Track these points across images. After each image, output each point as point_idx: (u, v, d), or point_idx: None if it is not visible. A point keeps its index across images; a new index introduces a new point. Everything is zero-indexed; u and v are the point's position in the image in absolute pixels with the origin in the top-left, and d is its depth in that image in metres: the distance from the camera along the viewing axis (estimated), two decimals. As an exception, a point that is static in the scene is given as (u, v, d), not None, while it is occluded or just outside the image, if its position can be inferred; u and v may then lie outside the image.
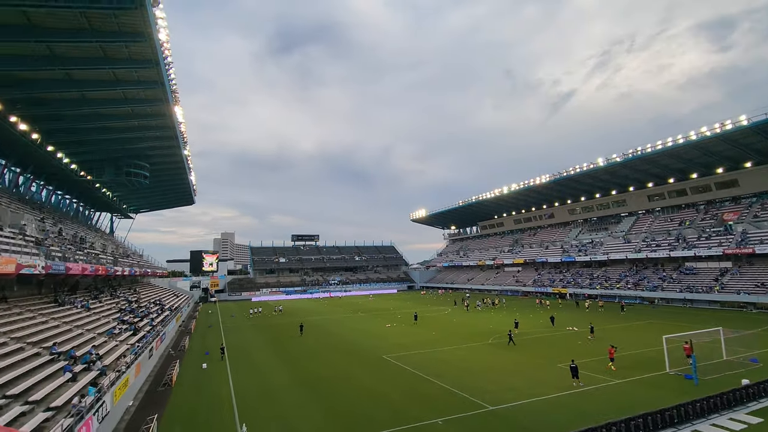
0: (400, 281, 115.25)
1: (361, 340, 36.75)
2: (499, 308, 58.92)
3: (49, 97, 32.02)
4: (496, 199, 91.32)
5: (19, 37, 23.70)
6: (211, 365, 28.92)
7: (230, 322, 53.82)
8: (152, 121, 39.75)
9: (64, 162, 42.04)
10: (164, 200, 79.60)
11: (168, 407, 20.47)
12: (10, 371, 16.13)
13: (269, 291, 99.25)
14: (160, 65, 29.70)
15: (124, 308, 38.88)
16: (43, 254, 25.84)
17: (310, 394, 21.36)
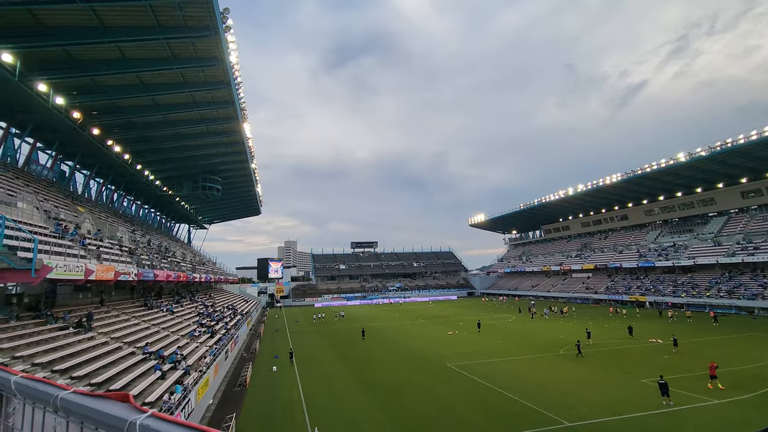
0: (459, 287, 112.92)
1: (424, 347, 36.40)
2: (569, 317, 55.54)
3: (138, 122, 35.69)
4: (561, 202, 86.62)
5: (117, 69, 26.75)
6: (281, 368, 30.16)
7: (295, 326, 55.92)
8: (224, 137, 42.79)
9: (150, 179, 46.52)
10: (234, 211, 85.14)
11: (244, 407, 21.66)
12: (111, 368, 17.99)
13: (330, 297, 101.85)
14: (231, 86, 31.96)
15: (201, 312, 41.92)
16: (135, 262, 28.66)
17: (376, 400, 21.50)
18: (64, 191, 35.07)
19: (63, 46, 23.53)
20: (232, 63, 29.78)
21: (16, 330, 17.78)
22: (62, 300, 25.10)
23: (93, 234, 26.59)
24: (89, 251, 22.29)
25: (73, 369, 16.43)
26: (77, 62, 26.00)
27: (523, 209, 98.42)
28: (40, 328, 19.03)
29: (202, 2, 22.63)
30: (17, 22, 21.74)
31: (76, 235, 23.03)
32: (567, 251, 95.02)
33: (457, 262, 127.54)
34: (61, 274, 16.73)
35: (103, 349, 19.89)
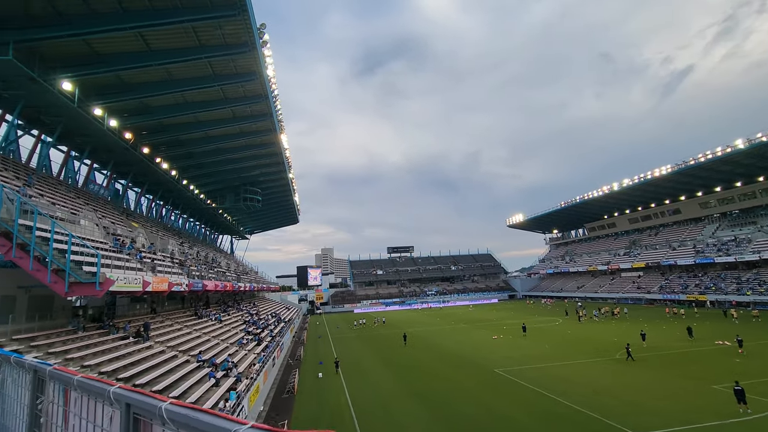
0: (500, 290, 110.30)
1: (469, 352, 35.59)
2: (621, 319, 52.72)
3: (183, 138, 37.40)
4: (606, 198, 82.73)
5: (164, 90, 28.20)
6: (326, 374, 30.36)
7: (337, 333, 56.37)
8: (262, 150, 44.09)
9: (195, 193, 48.57)
10: (273, 221, 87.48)
11: (294, 414, 21.89)
12: (170, 376, 18.68)
13: (369, 303, 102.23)
14: (269, 99, 32.87)
15: (247, 320, 43.08)
16: (186, 273, 29.83)
17: (426, 408, 21.10)
18: (118, 208, 37.22)
19: (115, 71, 25.04)
20: (269, 77, 30.62)
21: (83, 340, 18.84)
22: (121, 311, 26.49)
23: (147, 247, 27.93)
24: (144, 264, 23.38)
25: (136, 377, 17.18)
26: (128, 86, 27.60)
27: (564, 207, 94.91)
28: (103, 338, 20.08)
29: (240, 20, 23.40)
30: (75, 52, 23.34)
31: (132, 249, 24.25)
32: (614, 249, 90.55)
33: (496, 264, 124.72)
34: (122, 286, 17.59)
35: (160, 357, 20.73)
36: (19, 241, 14.95)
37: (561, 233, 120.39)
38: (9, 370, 3.39)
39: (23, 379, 3.09)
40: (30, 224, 15.94)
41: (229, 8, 22.30)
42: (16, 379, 3.21)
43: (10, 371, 3.38)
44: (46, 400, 2.55)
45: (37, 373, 2.79)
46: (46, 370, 2.55)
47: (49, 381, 2.62)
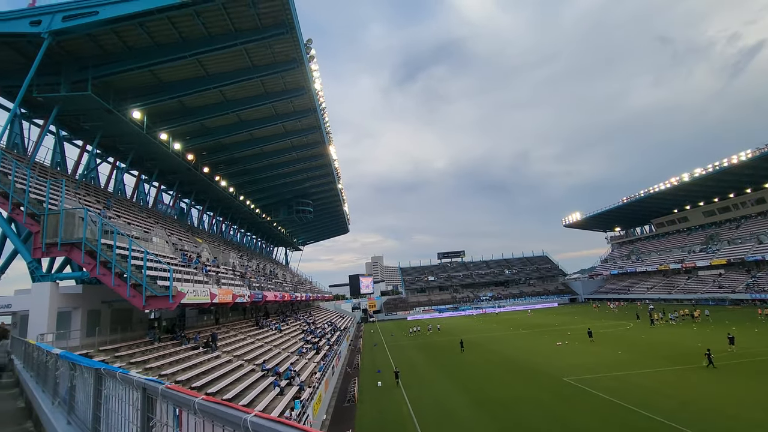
0: (559, 294, 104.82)
1: (532, 359, 33.85)
2: (702, 322, 47.98)
3: (239, 156, 39.28)
4: (675, 190, 76.20)
5: (220, 111, 29.83)
6: (385, 383, 30.12)
7: (392, 340, 56.11)
8: (312, 162, 45.31)
9: (251, 207, 50.81)
10: (324, 231, 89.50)
11: (357, 422, 21.82)
12: (238, 384, 19.33)
13: (422, 309, 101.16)
14: (317, 112, 33.74)
15: (305, 329, 44.03)
16: (246, 285, 31.04)
17: (493, 419, 20.17)
18: (184, 225, 39.69)
19: (177, 97, 26.82)
20: (317, 90, 31.40)
21: (159, 351, 20.02)
22: (190, 323, 28.00)
23: (211, 261, 29.41)
24: (210, 277, 24.58)
25: (207, 386, 17.91)
26: (189, 110, 29.48)
27: (627, 203, 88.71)
28: (176, 348, 21.24)
29: (288, 38, 24.21)
30: (142, 82, 25.31)
31: (199, 264, 25.60)
32: (688, 246, 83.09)
33: (553, 266, 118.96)
34: (192, 299, 18.50)
35: (228, 366, 21.55)
36: (102, 259, 16.20)
37: (624, 231, 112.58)
38: (113, 385, 3.41)
39: (130, 396, 3.01)
40: (110, 243, 17.23)
41: (278, 27, 23.15)
42: (122, 396, 3.17)
43: (114, 387, 3.38)
44: (158, 423, 2.43)
45: (146, 391, 2.68)
46: (158, 389, 2.41)
47: (161, 401, 2.46)
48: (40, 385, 6.14)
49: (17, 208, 17.15)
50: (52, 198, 18.50)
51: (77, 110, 23.56)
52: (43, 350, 6.41)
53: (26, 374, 8.71)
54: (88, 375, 3.64)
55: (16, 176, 18.14)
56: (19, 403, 7.58)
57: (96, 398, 3.42)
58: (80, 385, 3.86)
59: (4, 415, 6.56)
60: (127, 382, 2.95)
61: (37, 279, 17.08)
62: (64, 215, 16.55)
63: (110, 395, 3.30)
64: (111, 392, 3.29)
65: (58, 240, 16.29)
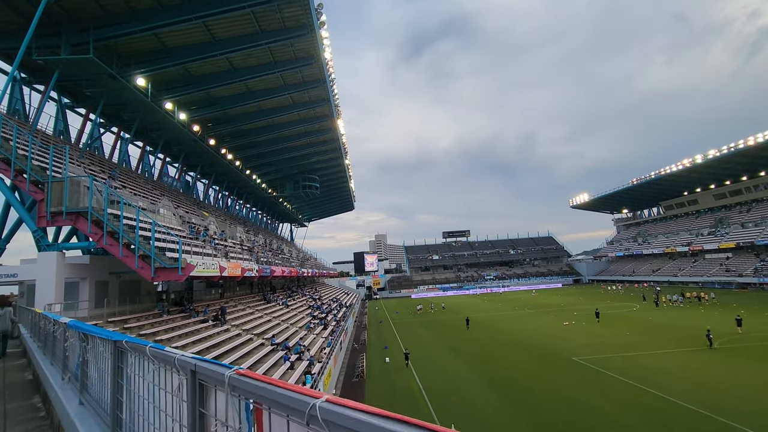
0: (563, 275, 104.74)
1: (540, 338, 33.68)
2: (709, 305, 47.62)
3: (246, 128, 38.30)
4: (687, 172, 74.68)
5: (227, 80, 28.74)
6: (393, 359, 30.07)
7: (397, 318, 56.22)
8: (320, 136, 44.24)
9: (257, 182, 50.08)
10: (330, 208, 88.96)
11: (366, 398, 21.72)
12: (248, 358, 19.10)
13: (426, 288, 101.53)
14: (327, 83, 32.55)
15: (312, 305, 44.01)
16: (254, 260, 30.66)
17: (503, 397, 19.98)
18: (189, 198, 39.11)
19: (182, 63, 25.71)
20: (327, 60, 30.17)
21: (168, 323, 19.74)
22: (197, 296, 27.76)
23: (218, 235, 28.93)
24: (218, 251, 24.13)
25: (218, 359, 17.63)
26: (194, 78, 28.40)
27: (636, 185, 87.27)
28: (186, 321, 20.97)
29: (298, 1, 22.93)
30: (146, 47, 24.22)
31: (206, 237, 25.12)
32: (696, 229, 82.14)
33: (558, 247, 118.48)
34: (201, 271, 18.06)
35: (237, 340, 21.33)
36: (108, 229, 15.66)
37: (632, 213, 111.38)
38: (139, 363, 2.50)
39: (167, 380, 2.18)
40: (117, 213, 16.66)
41: (288, -11, 21.89)
42: (155, 379, 2.27)
43: (141, 365, 2.48)
44: (217, 423, 1.67)
45: (197, 375, 1.87)
46: (224, 376, 1.58)
47: (225, 391, 1.62)
48: (48, 357, 5.64)
49: (20, 175, 16.52)
50: (56, 165, 17.83)
51: (79, 75, 22.59)
52: (50, 319, 5.88)
53: (33, 344, 8.26)
54: (104, 348, 3.02)
55: (17, 142, 17.44)
56: (27, 375, 7.13)
57: (116, 377, 2.77)
58: (93, 359, 3.27)
59: (11, 387, 6.08)
60: (163, 360, 2.17)
61: (43, 248, 16.62)
62: (68, 183, 15.93)
63: (134, 375, 2.56)
64: (136, 371, 2.53)
65: (63, 209, 15.72)
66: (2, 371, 7.92)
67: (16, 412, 4.50)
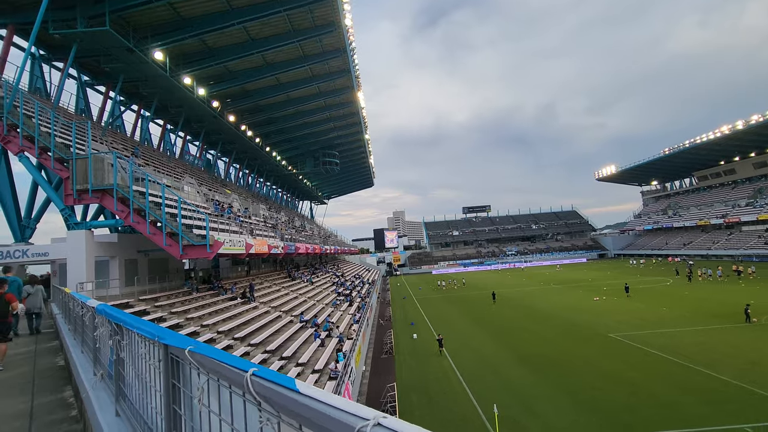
0: (587, 249, 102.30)
1: (571, 314, 32.74)
2: (749, 279, 45.47)
3: (264, 103, 37.43)
4: (725, 140, 70.42)
5: (245, 51, 27.70)
6: (421, 336, 29.72)
7: (420, 294, 55.93)
8: (340, 110, 43.06)
9: (277, 159, 49.53)
10: (350, 184, 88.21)
11: (397, 375, 21.42)
12: (278, 336, 18.87)
13: (446, 264, 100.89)
14: (347, 52, 31.18)
15: (335, 282, 43.97)
16: (279, 237, 30.35)
17: (539, 375, 19.29)
18: (211, 177, 38.89)
19: (199, 35, 24.75)
20: (347, 27, 28.74)
21: (198, 301, 19.64)
22: (223, 273, 27.75)
23: (242, 212, 28.61)
24: (243, 228, 23.77)
25: (250, 336, 17.48)
26: (212, 51, 27.48)
27: (668, 155, 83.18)
28: (215, 299, 20.87)
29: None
30: (161, 18, 23.32)
31: (231, 214, 24.76)
32: (732, 200, 78.23)
33: (582, 221, 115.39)
34: (228, 248, 17.64)
35: (266, 317, 21.16)
36: (135, 206, 15.29)
37: (662, 185, 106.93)
38: (213, 389, 1.53)
39: None
40: (143, 190, 16.26)
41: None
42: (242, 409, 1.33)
43: (213, 391, 1.53)
44: None
45: None
46: None
47: None
48: (78, 344, 5.10)
49: (44, 153, 16.21)
50: (79, 142, 17.46)
51: (97, 49, 21.99)
52: (77, 301, 5.32)
53: (64, 327, 7.85)
54: (148, 351, 2.21)
55: (40, 120, 17.09)
56: (59, 360, 6.71)
57: (170, 401, 1.89)
58: (131, 361, 2.50)
59: (42, 375, 5.58)
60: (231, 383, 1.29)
61: (72, 227, 16.44)
62: (92, 160, 15.52)
63: (206, 410, 1.57)
64: (207, 401, 1.55)
65: (88, 186, 15.38)
66: (34, 353, 7.56)
67: (44, 410, 3.88)
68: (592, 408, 15.10)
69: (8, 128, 16.71)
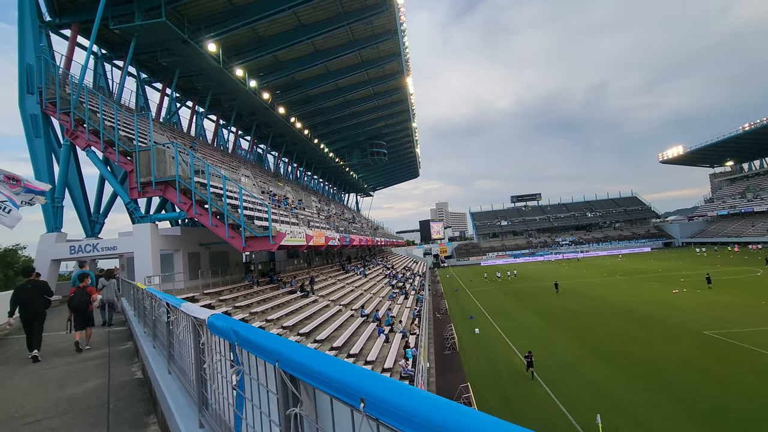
0: (650, 237, 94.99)
1: (651, 309, 29.67)
2: None
3: (313, 93, 36.84)
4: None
5: (295, 39, 27.04)
6: (483, 330, 28.11)
7: (472, 286, 53.89)
8: (388, 98, 41.76)
9: (325, 151, 49.12)
10: (395, 175, 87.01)
11: (465, 373, 20.01)
12: (343, 331, 18.01)
13: (495, 255, 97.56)
14: (398, 33, 29.71)
15: (387, 274, 43.02)
16: (333, 229, 29.66)
17: (636, 379, 17.09)
18: (262, 170, 38.99)
19: (251, 23, 24.23)
20: (399, 5, 27.22)
21: (259, 294, 19.18)
22: (279, 267, 27.43)
23: (296, 204, 28.13)
24: (300, 220, 23.14)
25: (314, 332, 16.72)
26: (262, 40, 27.03)
27: (747, 131, 74.81)
28: (275, 292, 20.38)
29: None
30: (214, 8, 23.02)
31: (287, 205, 24.24)
32: (827, 180, 69.20)
33: (644, 208, 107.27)
34: (290, 240, 16.92)
35: (327, 312, 20.41)
36: (197, 198, 14.83)
37: (738, 166, 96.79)
38: None
39: None
40: (203, 182, 15.81)
41: None
42: None
43: None
44: None
45: None
46: None
47: None
48: (162, 356, 4.16)
49: (109, 146, 16.16)
50: (141, 137, 17.36)
51: (153, 44, 22.02)
52: (157, 299, 4.41)
53: (138, 329, 7.14)
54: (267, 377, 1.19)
55: (103, 114, 17.12)
56: (135, 370, 5.94)
57: None
58: (253, 397, 1.44)
59: (118, 392, 4.78)
60: None
61: (137, 221, 16.35)
62: (155, 151, 15.23)
63: None
64: None
65: (152, 179, 15.12)
66: (108, 358, 6.90)
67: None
68: (714, 422, 12.91)
69: (76, 123, 16.83)
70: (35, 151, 17.90)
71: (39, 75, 17.76)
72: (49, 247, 16.63)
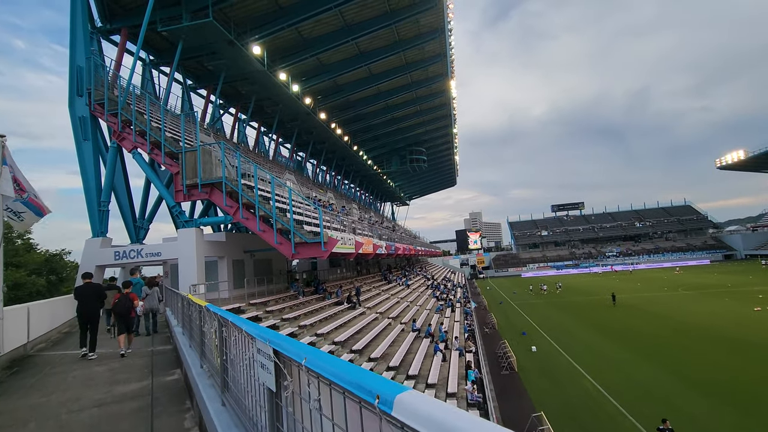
0: (708, 249, 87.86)
1: (733, 329, 26.27)
2: None
3: (355, 98, 35.99)
4: None
5: (339, 39, 26.17)
6: (540, 348, 25.72)
7: (516, 298, 50.93)
8: (430, 102, 40.40)
9: (364, 159, 48.15)
10: (432, 184, 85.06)
11: (532, 397, 17.84)
12: (396, 348, 16.36)
13: (536, 266, 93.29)
14: (445, 32, 28.33)
15: (428, 285, 41.12)
16: (377, 236, 28.25)
17: (741, 413, 14.45)
18: (303, 177, 38.34)
19: (295, 24, 23.53)
20: (447, 1, 25.83)
21: (305, 306, 17.94)
22: (321, 276, 26.22)
23: (340, 211, 26.98)
24: (345, 227, 21.87)
25: (367, 349, 15.20)
26: (306, 42, 26.35)
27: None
28: (322, 303, 19.09)
29: None
30: (259, 9, 22.47)
31: (332, 211, 23.08)
32: None
33: (700, 217, 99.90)
34: (341, 248, 15.58)
35: (377, 326, 18.88)
36: (243, 201, 13.80)
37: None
38: None
39: None
40: (251, 185, 14.82)
41: None
42: None
43: None
44: None
45: None
46: None
47: None
48: (210, 379, 2.81)
49: (155, 148, 15.51)
50: (187, 139, 16.69)
51: (200, 46, 21.60)
52: (213, 314, 3.11)
53: (184, 341, 5.95)
54: None
55: (150, 116, 16.60)
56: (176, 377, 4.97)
57: None
58: None
59: (158, 401, 4.83)
60: None
61: (181, 225, 15.52)
62: (201, 152, 14.37)
63: None
64: None
65: (198, 181, 14.23)
66: (150, 373, 5.86)
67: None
68: None
69: (123, 125, 16.36)
70: (83, 155, 17.60)
71: (88, 77, 17.52)
72: (94, 253, 16.09)
